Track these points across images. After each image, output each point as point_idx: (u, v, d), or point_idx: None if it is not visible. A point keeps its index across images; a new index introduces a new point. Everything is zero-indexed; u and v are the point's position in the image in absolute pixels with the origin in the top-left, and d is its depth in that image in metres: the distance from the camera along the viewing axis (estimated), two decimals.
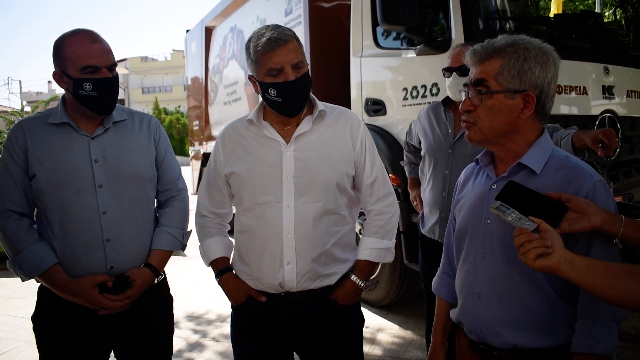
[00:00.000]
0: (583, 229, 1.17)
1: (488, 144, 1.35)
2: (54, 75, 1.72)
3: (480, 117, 1.29)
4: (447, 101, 2.66)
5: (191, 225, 1.88)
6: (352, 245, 1.80)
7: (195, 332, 3.94)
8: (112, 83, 1.72)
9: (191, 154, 8.96)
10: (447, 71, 2.56)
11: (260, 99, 1.70)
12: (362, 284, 1.73)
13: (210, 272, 1.84)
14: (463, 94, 1.35)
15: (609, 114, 3.56)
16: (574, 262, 1.07)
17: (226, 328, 1.79)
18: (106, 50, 1.71)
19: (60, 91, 2.02)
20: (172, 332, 1.98)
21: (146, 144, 1.87)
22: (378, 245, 1.76)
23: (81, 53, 1.66)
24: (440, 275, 1.66)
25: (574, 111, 3.40)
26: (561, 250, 1.08)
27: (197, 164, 8.44)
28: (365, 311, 1.99)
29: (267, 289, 1.69)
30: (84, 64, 1.66)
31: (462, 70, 2.47)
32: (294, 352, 1.79)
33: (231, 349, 1.86)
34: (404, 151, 3.08)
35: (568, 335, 1.23)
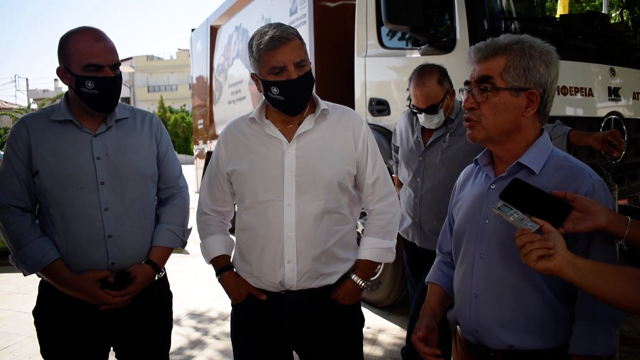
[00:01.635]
0: (587, 229, 1.15)
1: (490, 142, 1.34)
2: (58, 71, 1.73)
3: (484, 115, 1.29)
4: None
5: (192, 223, 1.88)
6: (353, 244, 1.79)
7: (197, 329, 3.95)
8: (115, 82, 1.73)
9: (195, 152, 8.99)
10: (416, 109, 2.49)
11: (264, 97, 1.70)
12: (363, 284, 1.73)
13: (213, 270, 1.84)
14: (464, 93, 1.35)
15: (614, 116, 3.54)
16: (576, 264, 1.06)
17: (228, 326, 1.80)
18: (110, 50, 1.71)
19: (67, 89, 2.03)
20: (171, 328, 2.00)
21: (148, 142, 1.88)
22: (379, 245, 1.75)
23: (85, 51, 1.66)
24: (435, 265, 1.63)
25: (580, 113, 3.38)
26: (563, 252, 1.06)
27: (201, 163, 8.47)
28: (367, 312, 1.98)
29: (268, 287, 1.69)
30: (87, 62, 1.66)
31: (431, 109, 2.42)
32: (294, 351, 1.79)
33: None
34: (392, 151, 3.08)
35: (565, 337, 1.22)
